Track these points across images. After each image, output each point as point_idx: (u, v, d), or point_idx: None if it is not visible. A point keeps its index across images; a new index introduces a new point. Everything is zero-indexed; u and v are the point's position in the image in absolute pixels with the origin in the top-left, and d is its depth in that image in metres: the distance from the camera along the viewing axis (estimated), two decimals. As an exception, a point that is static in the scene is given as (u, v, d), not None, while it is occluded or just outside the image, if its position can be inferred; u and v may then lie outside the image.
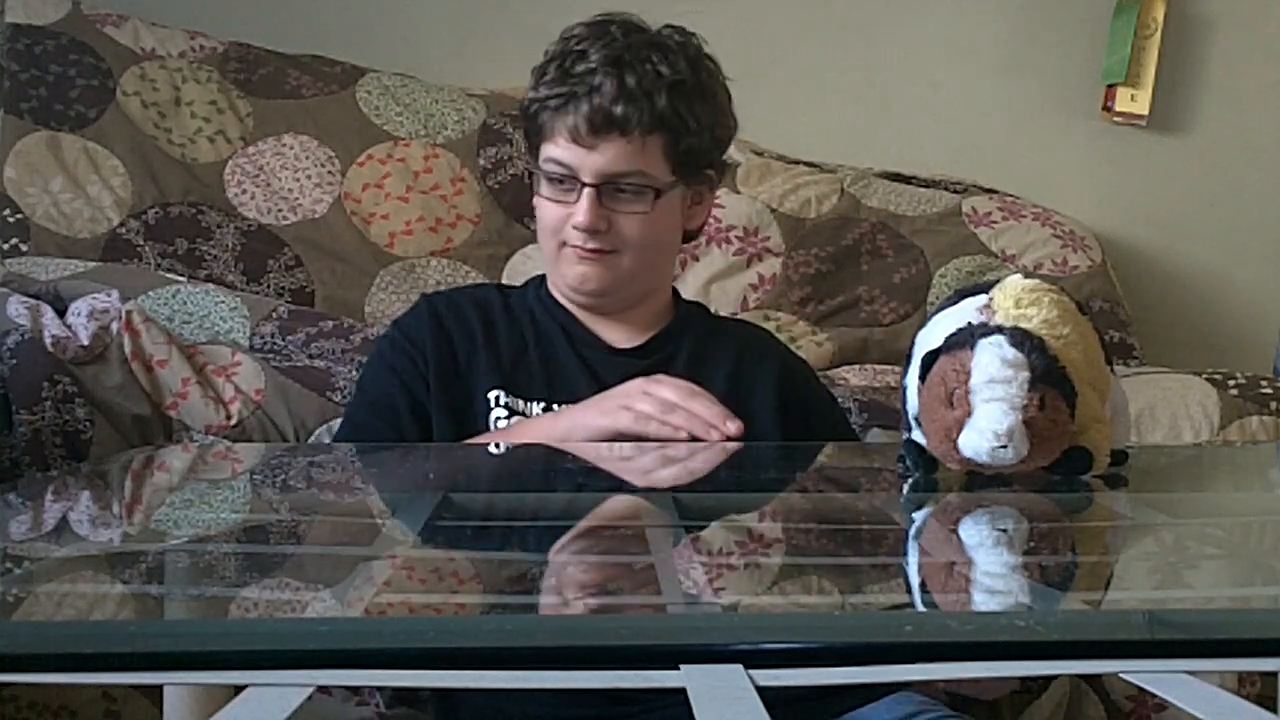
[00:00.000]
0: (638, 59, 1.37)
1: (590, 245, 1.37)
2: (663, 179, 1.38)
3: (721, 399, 1.38)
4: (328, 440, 1.62)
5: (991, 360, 0.95)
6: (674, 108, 1.37)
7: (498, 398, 1.38)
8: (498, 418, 1.37)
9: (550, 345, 1.43)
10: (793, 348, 1.69)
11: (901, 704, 1.23)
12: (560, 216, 1.38)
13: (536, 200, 1.43)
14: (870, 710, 1.23)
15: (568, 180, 1.37)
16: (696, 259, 2.02)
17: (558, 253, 1.41)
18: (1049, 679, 1.59)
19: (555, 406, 1.37)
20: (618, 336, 1.44)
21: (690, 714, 0.48)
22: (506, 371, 1.41)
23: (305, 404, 1.63)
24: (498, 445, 1.34)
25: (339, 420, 1.64)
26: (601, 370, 1.41)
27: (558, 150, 1.37)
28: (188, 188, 1.92)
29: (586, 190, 1.36)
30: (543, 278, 1.49)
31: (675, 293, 1.52)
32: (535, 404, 1.38)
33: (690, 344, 1.45)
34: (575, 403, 1.36)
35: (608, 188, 1.36)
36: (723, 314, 1.77)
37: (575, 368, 1.41)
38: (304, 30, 2.23)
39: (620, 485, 1.21)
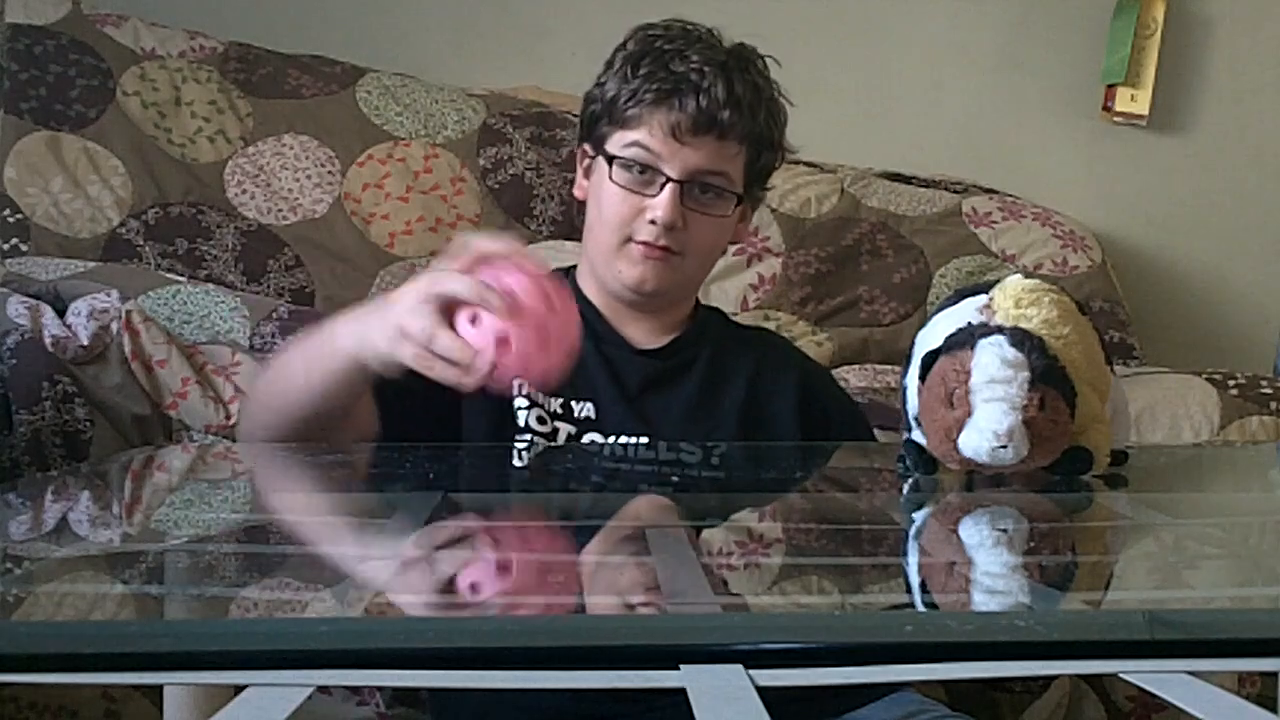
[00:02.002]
0: (739, 68, 1.38)
1: (662, 242, 1.36)
2: (738, 188, 1.39)
3: (741, 404, 1.39)
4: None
5: (991, 360, 0.95)
6: (764, 124, 1.39)
7: (520, 386, 1.36)
8: (519, 407, 1.36)
9: (594, 340, 1.42)
10: (793, 348, 1.69)
11: (901, 704, 1.23)
12: (631, 209, 1.36)
13: (596, 189, 1.40)
14: (870, 710, 1.23)
15: (649, 171, 1.36)
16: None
17: (618, 248, 1.38)
18: (1049, 679, 1.59)
19: (574, 405, 1.37)
20: (642, 337, 1.43)
21: (690, 714, 0.48)
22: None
23: (305, 403, 1.63)
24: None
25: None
26: (623, 370, 1.40)
27: (646, 139, 1.36)
28: (188, 188, 1.92)
29: (671, 185, 1.35)
30: (568, 270, 1.48)
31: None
32: (555, 400, 1.37)
33: (710, 348, 1.44)
34: (593, 403, 1.36)
35: (690, 186, 1.36)
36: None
37: (597, 365, 1.40)
38: (304, 30, 2.23)
39: (620, 485, 1.21)
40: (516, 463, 1.29)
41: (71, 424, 1.50)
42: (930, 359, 1.00)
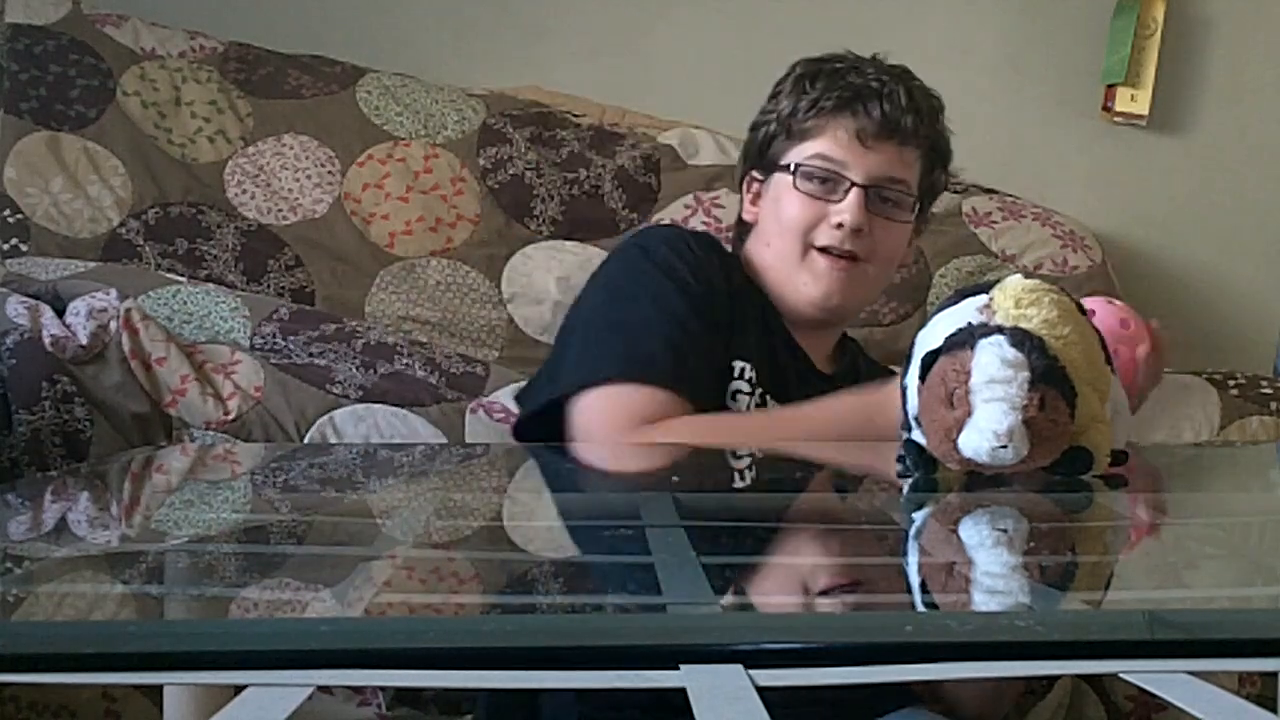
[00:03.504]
0: (912, 79, 1.40)
1: (847, 246, 1.36)
2: (916, 196, 1.40)
3: None
4: (329, 431, 1.61)
5: (991, 360, 0.95)
6: (939, 133, 1.42)
7: (742, 370, 1.35)
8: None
9: (773, 340, 1.41)
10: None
11: (911, 719, 1.22)
12: (815, 215, 1.36)
13: (775, 202, 1.40)
14: (878, 722, 1.23)
15: (832, 179, 1.36)
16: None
17: (802, 257, 1.38)
18: (1053, 680, 1.59)
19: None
20: (817, 356, 1.44)
21: (690, 714, 0.48)
22: (747, 347, 1.37)
23: (305, 396, 1.63)
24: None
25: (339, 411, 1.63)
26: (807, 388, 1.38)
27: (829, 148, 1.37)
28: (188, 188, 1.91)
29: (856, 190, 1.36)
30: (736, 259, 1.46)
31: None
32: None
33: (863, 377, 1.44)
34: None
35: (874, 192, 1.36)
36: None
37: (792, 377, 1.39)
38: (304, 30, 2.23)
39: (620, 485, 1.21)
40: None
41: (71, 423, 1.50)
42: (930, 359, 1.00)
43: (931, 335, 1.04)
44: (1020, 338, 0.96)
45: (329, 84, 2.03)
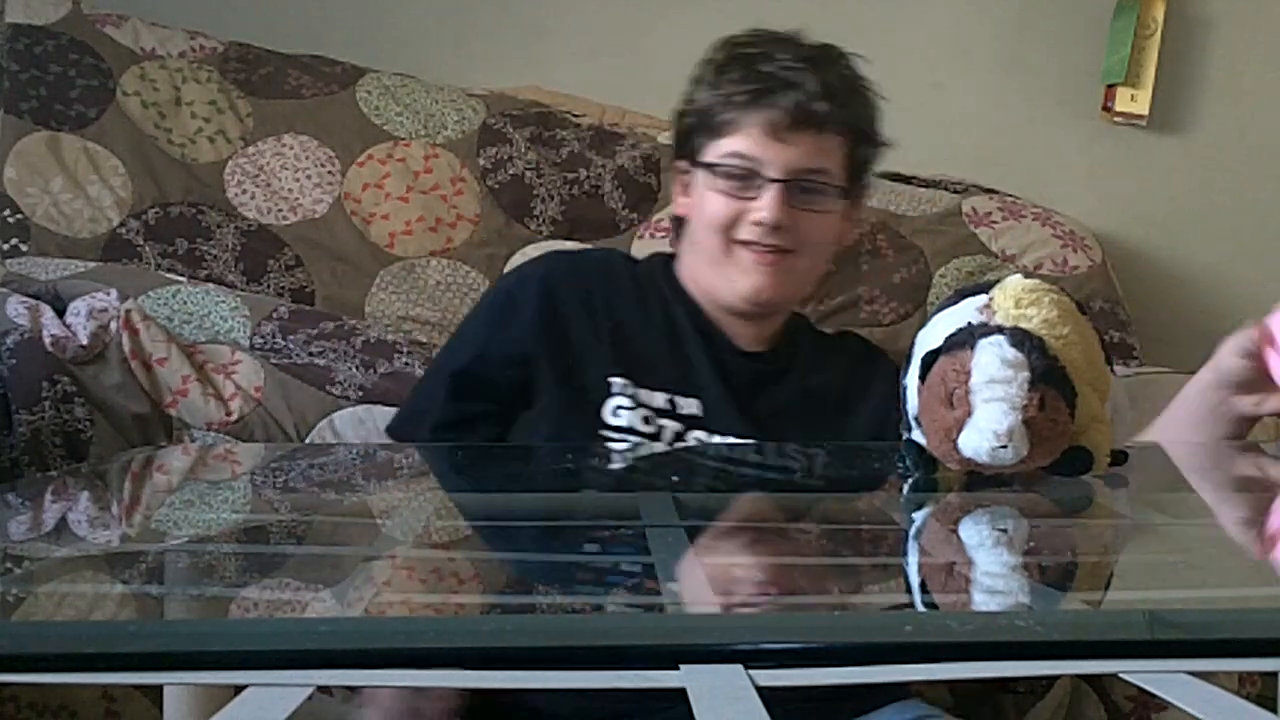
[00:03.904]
0: (828, 61, 1.38)
1: (769, 241, 1.35)
2: (840, 181, 1.38)
3: (836, 401, 1.39)
4: (329, 434, 1.62)
5: (991, 360, 0.95)
6: (860, 113, 1.39)
7: (622, 386, 1.35)
8: (618, 406, 1.35)
9: (681, 337, 1.40)
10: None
11: (905, 711, 1.22)
12: (735, 212, 1.35)
13: (697, 199, 1.39)
14: (874, 717, 1.23)
15: (749, 176, 1.35)
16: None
17: (726, 254, 1.37)
18: (1053, 679, 1.59)
19: (678, 401, 1.36)
20: (745, 338, 1.42)
21: (690, 714, 0.48)
22: (630, 357, 1.37)
23: (305, 399, 1.63)
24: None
25: (339, 413, 1.63)
26: (731, 370, 1.39)
27: (743, 144, 1.35)
28: (188, 188, 1.91)
29: (774, 186, 1.34)
30: (668, 258, 1.47)
31: None
32: (659, 394, 1.36)
33: (805, 352, 1.44)
34: (699, 400, 1.35)
35: (793, 185, 1.35)
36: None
37: (707, 366, 1.38)
38: (304, 30, 2.23)
39: (620, 485, 1.21)
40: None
41: (71, 424, 1.50)
42: (930, 359, 1.00)
43: (931, 335, 1.04)
44: (1020, 338, 0.96)
45: (329, 84, 2.03)
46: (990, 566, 0.77)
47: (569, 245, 1.95)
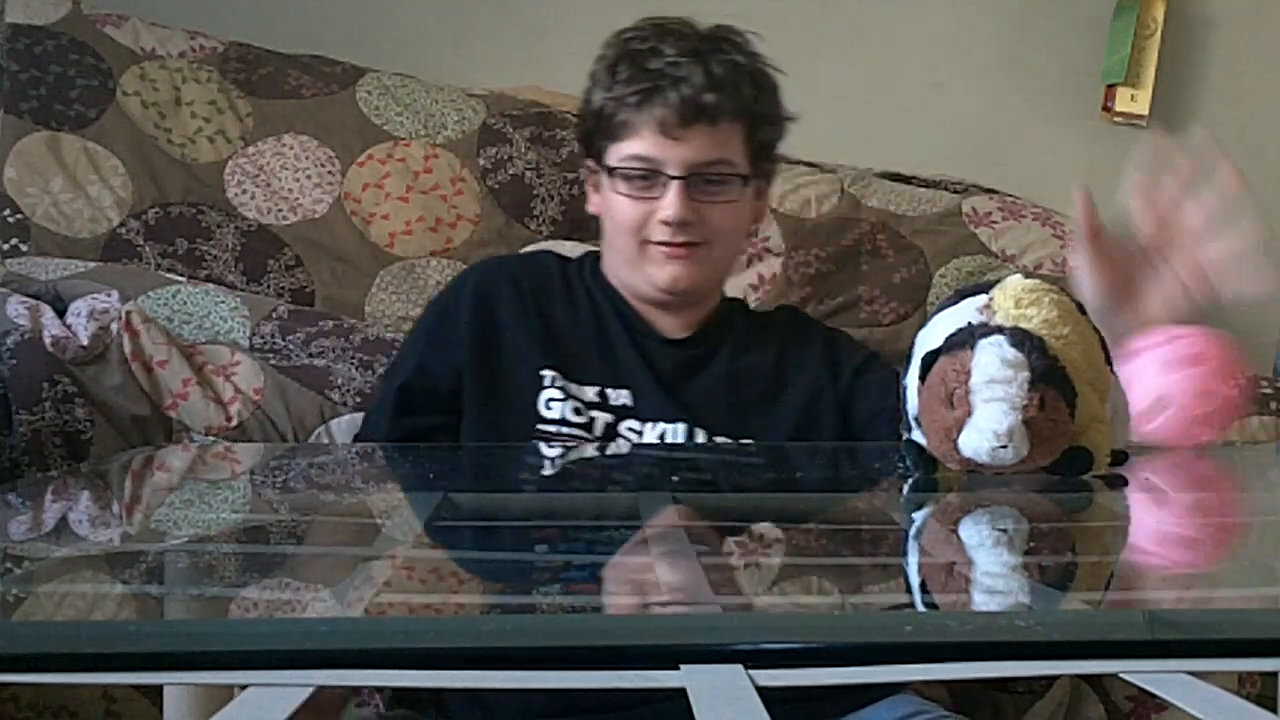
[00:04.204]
0: (715, 49, 1.37)
1: (679, 239, 1.36)
2: (743, 169, 1.38)
3: (768, 376, 1.40)
4: (327, 439, 1.62)
5: (991, 360, 0.95)
6: (754, 97, 1.38)
7: (553, 379, 1.37)
8: (550, 399, 1.36)
9: (607, 330, 1.43)
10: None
11: (900, 706, 1.23)
12: (642, 214, 1.36)
13: (606, 200, 1.41)
14: (869, 712, 1.23)
15: (651, 176, 1.36)
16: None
17: (640, 253, 1.39)
18: (1052, 679, 1.59)
19: (609, 393, 1.37)
20: (670, 327, 1.44)
21: (690, 714, 0.48)
22: (560, 351, 1.40)
23: (303, 403, 1.64)
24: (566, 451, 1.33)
25: (337, 420, 1.64)
26: (657, 360, 1.41)
27: (641, 146, 1.35)
28: (188, 188, 1.91)
29: (675, 183, 1.35)
30: (596, 256, 1.49)
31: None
32: (590, 389, 1.38)
33: (735, 333, 1.46)
34: (629, 390, 1.37)
35: (695, 179, 1.35)
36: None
37: (632, 356, 1.41)
38: (304, 30, 2.23)
39: (620, 485, 1.21)
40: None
41: (71, 424, 1.50)
42: (930, 359, 1.00)
43: (931, 335, 1.04)
44: (1020, 338, 0.96)
45: (329, 84, 2.03)
46: (990, 566, 0.77)
47: (568, 245, 1.95)
